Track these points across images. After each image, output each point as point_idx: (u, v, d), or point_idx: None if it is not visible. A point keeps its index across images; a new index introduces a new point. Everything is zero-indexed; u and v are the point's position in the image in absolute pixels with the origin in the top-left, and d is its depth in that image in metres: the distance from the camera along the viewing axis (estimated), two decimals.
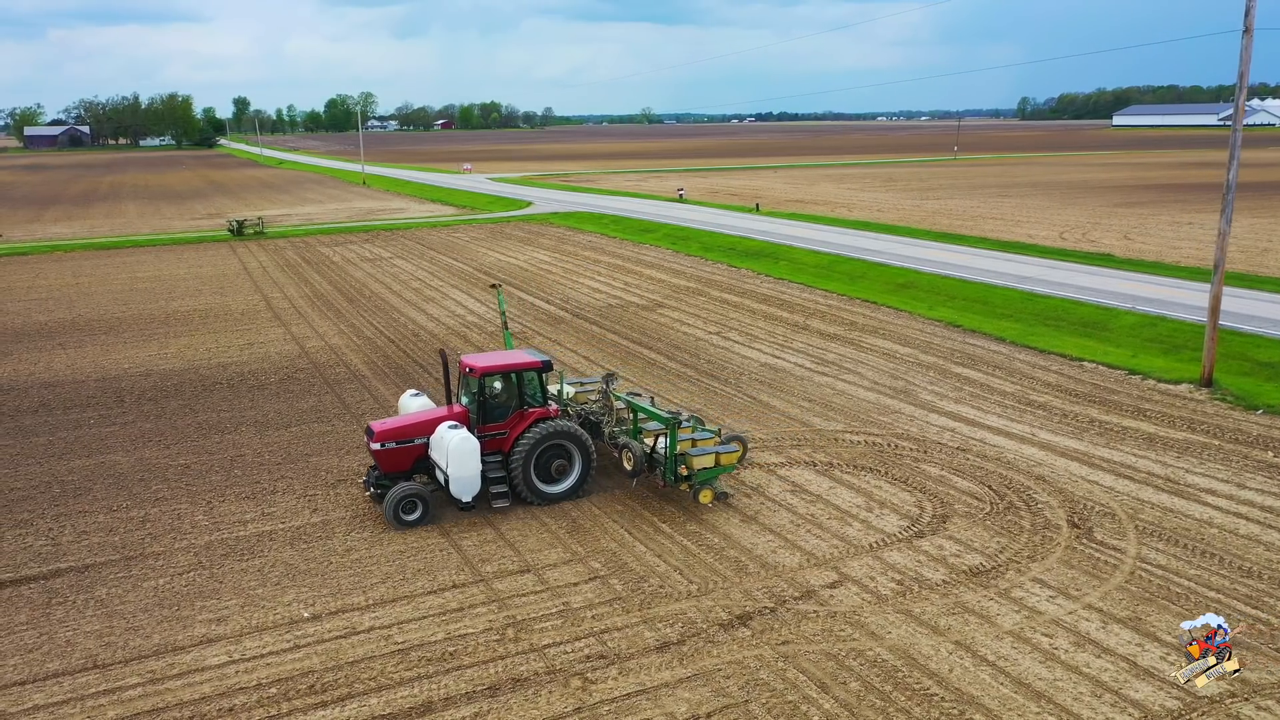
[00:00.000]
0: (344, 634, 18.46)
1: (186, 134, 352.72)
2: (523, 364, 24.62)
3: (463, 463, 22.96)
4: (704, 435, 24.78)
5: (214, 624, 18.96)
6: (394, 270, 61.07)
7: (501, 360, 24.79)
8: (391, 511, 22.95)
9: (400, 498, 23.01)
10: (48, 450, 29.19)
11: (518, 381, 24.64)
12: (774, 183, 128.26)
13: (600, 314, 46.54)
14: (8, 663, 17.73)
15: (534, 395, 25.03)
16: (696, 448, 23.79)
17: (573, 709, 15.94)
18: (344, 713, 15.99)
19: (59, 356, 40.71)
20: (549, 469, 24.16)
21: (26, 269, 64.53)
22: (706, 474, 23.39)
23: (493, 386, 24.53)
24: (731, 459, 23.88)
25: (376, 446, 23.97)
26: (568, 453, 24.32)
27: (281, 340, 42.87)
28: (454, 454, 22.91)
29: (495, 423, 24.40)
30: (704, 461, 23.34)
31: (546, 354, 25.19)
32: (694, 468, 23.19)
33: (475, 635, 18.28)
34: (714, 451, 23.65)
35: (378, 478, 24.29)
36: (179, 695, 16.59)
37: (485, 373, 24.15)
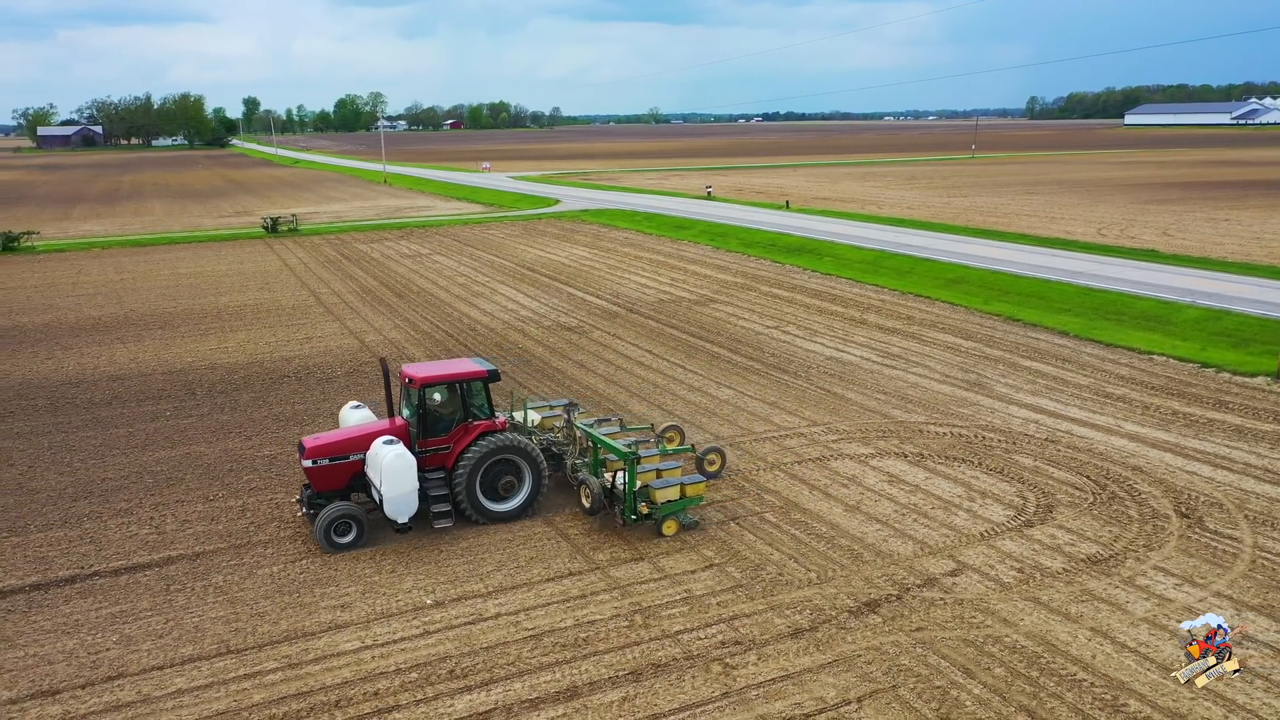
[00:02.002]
0: (472, 620, 18.47)
1: (199, 134, 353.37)
2: (466, 374, 22.98)
3: (396, 480, 21.16)
4: (670, 466, 23.10)
5: (338, 610, 18.99)
6: (436, 266, 61.11)
7: (443, 370, 23.18)
8: (322, 533, 21.25)
9: (332, 519, 21.32)
10: (129, 442, 29.24)
11: (462, 393, 22.95)
12: (796, 181, 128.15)
13: (654, 309, 46.52)
14: (140, 647, 17.76)
15: (480, 407, 23.20)
16: (661, 479, 22.20)
17: (719, 694, 15.93)
18: (490, 697, 16.00)
19: (120, 350, 40.78)
20: (496, 485, 22.62)
21: (68, 265, 64.66)
22: (671, 507, 21.81)
23: (432, 398, 22.86)
24: (699, 490, 22.25)
25: (308, 463, 22.19)
26: (516, 468, 22.75)
27: (339, 334, 42.91)
28: (387, 471, 21.12)
29: (437, 437, 22.76)
30: (668, 494, 21.76)
31: (493, 363, 23.31)
32: (656, 501, 21.65)
33: (604, 622, 18.28)
34: (679, 483, 22.02)
35: (310, 496, 22.55)
36: (320, 680, 16.61)
37: (425, 383, 22.48)
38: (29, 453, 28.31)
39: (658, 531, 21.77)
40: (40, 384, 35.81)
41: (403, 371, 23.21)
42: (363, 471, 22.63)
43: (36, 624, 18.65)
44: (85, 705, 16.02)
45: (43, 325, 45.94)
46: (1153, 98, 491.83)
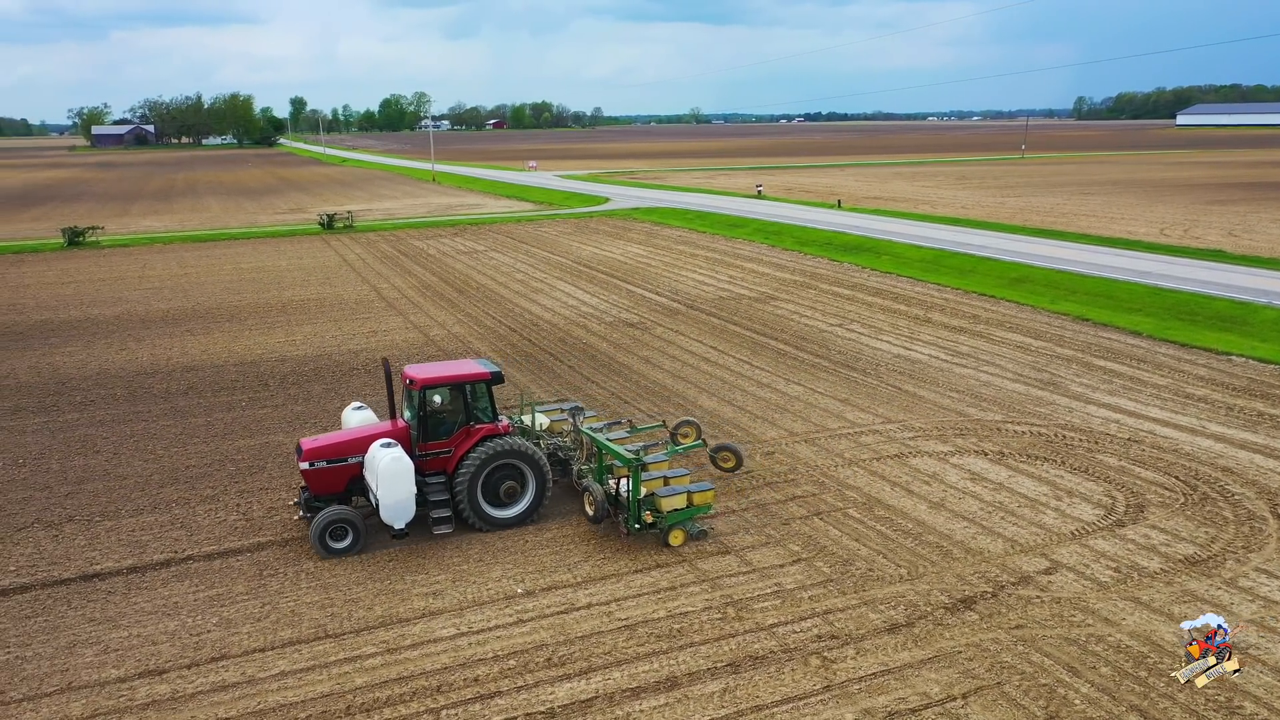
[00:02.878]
0: (564, 610, 18.53)
1: (248, 133, 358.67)
2: (469, 375, 22.32)
3: (393, 485, 20.56)
4: (678, 473, 22.18)
5: (430, 597, 19.14)
6: (493, 263, 61.45)
7: (445, 371, 22.58)
8: (317, 537, 20.74)
9: (327, 523, 20.76)
10: (209, 430, 29.69)
11: (464, 395, 22.31)
12: (844, 180, 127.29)
13: (714, 306, 46.42)
14: (240, 630, 18.02)
15: (483, 410, 22.61)
16: (667, 487, 21.39)
17: (821, 686, 15.83)
18: (589, 685, 16.02)
19: (191, 342, 41.45)
20: (499, 491, 21.97)
21: (133, 260, 65.86)
22: (677, 516, 20.99)
23: (433, 400, 22.25)
24: (707, 498, 21.27)
25: (305, 466, 21.66)
26: (520, 474, 22.08)
27: (403, 328, 43.28)
28: (384, 475, 20.52)
29: (438, 440, 22.18)
30: (674, 503, 20.96)
31: (497, 364, 22.55)
32: (662, 510, 20.87)
33: (696, 613, 18.25)
34: (686, 491, 21.15)
35: (309, 499, 22.03)
36: (419, 665, 16.74)
37: (426, 385, 21.88)
38: (113, 440, 28.85)
39: (663, 542, 20.85)
40: (117, 374, 36.49)
41: (404, 372, 22.51)
42: (361, 475, 22.05)
43: (137, 605, 18.99)
44: (192, 685, 16.28)
45: (114, 317, 46.83)
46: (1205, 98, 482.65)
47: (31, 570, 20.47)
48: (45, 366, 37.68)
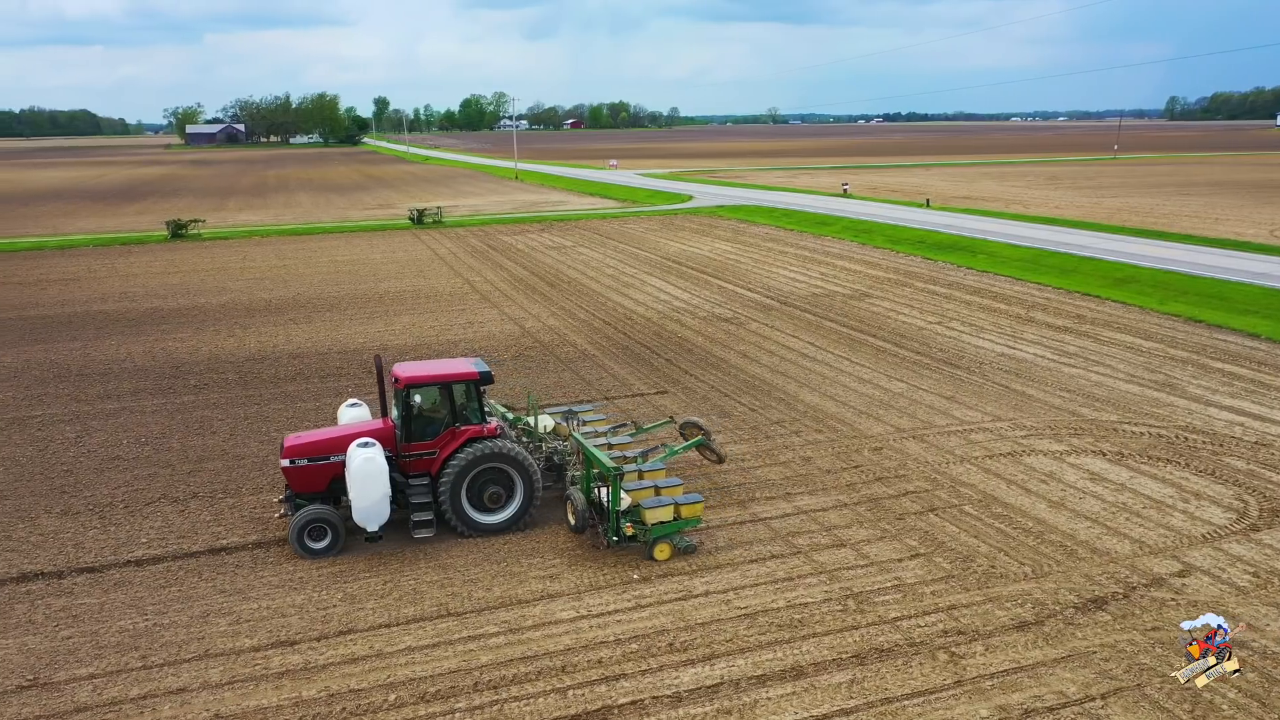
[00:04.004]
0: (681, 596, 18.48)
1: (333, 132, 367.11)
2: (455, 375, 21.67)
3: (365, 487, 19.84)
4: (671, 483, 21.28)
5: (548, 580, 19.26)
6: (582, 258, 61.82)
7: (431, 370, 21.99)
8: (295, 537, 20.20)
9: (305, 522, 20.20)
10: (319, 415, 30.34)
11: (450, 395, 21.63)
12: (930, 180, 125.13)
13: (808, 302, 45.98)
14: (365, 605, 18.36)
15: (470, 411, 21.86)
16: (653, 498, 20.37)
17: (951, 681, 15.51)
18: (714, 671, 15.94)
19: (294, 330, 42.50)
20: (484, 495, 21.25)
21: (233, 252, 67.84)
22: (662, 529, 19.92)
23: (414, 400, 21.53)
24: (695, 510, 20.26)
25: (286, 463, 21.03)
26: (507, 478, 21.27)
27: (498, 320, 43.76)
28: (355, 476, 19.84)
29: (422, 441, 21.50)
30: (659, 515, 19.89)
31: (486, 365, 22.10)
32: (646, 522, 19.85)
33: (816, 605, 18.04)
34: (673, 503, 20.11)
35: (292, 496, 21.44)
36: (542, 645, 16.85)
37: (410, 384, 21.29)
38: (227, 422, 29.68)
39: (649, 555, 19.85)
40: (227, 359, 37.59)
41: (393, 370, 22.05)
42: (344, 474, 21.12)
43: (264, 578, 19.49)
44: (323, 657, 16.63)
45: (219, 306, 48.27)
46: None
47: (162, 543, 21.15)
48: (159, 351, 38.99)
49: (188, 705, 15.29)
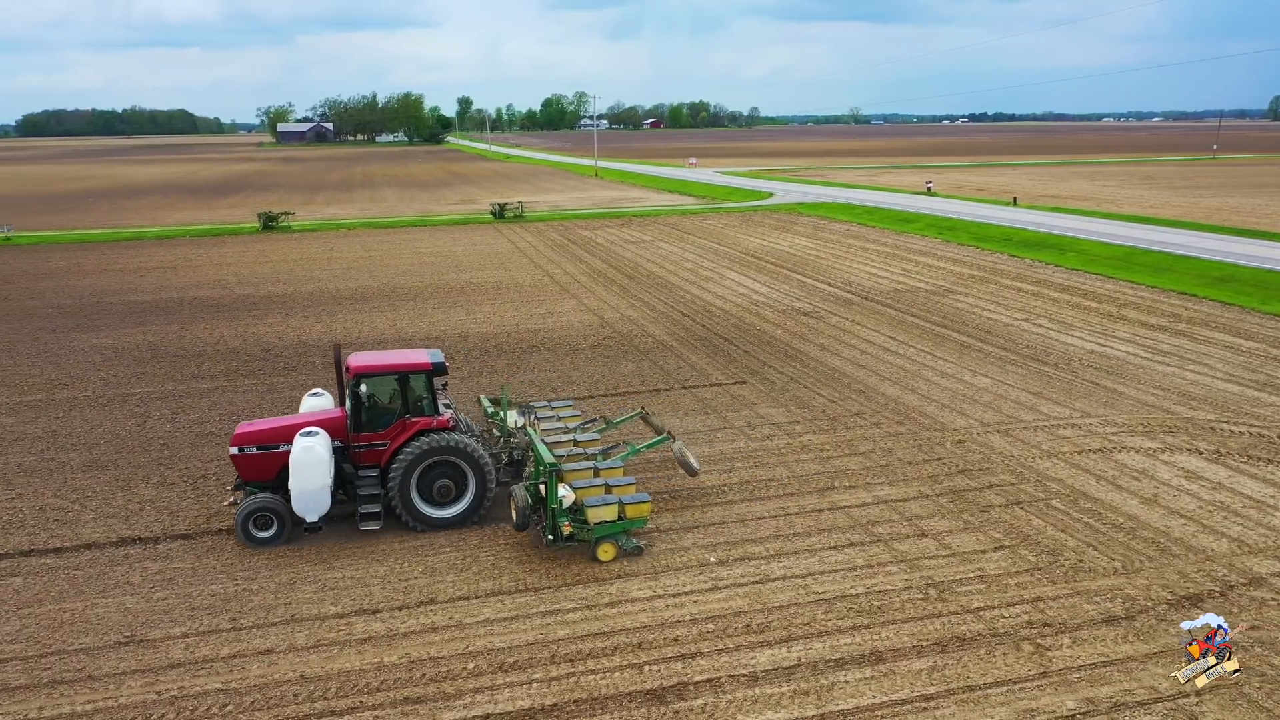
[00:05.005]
0: (759, 580, 18.37)
1: (418, 131, 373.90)
2: (405, 365, 21.37)
3: (304, 476, 19.50)
4: (623, 482, 20.46)
5: (625, 561, 19.30)
6: (660, 252, 61.88)
7: (381, 360, 21.79)
8: (240, 525, 19.94)
9: (251, 511, 19.91)
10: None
11: (401, 386, 21.29)
12: (1017, 179, 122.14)
13: (889, 297, 45.29)
14: (445, 578, 18.66)
15: (423, 402, 21.46)
16: (597, 496, 19.65)
17: (1036, 672, 15.12)
18: (791, 653, 15.81)
19: (379, 318, 43.39)
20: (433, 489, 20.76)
21: (321, 243, 69.58)
22: (606, 529, 19.19)
23: (360, 390, 21.15)
24: (641, 511, 19.50)
25: (234, 450, 20.71)
26: (459, 472, 20.76)
27: (577, 311, 44.06)
28: (294, 465, 19.52)
29: (372, 432, 21.10)
30: (603, 514, 19.19)
31: (441, 356, 21.75)
32: (589, 521, 19.15)
33: (895, 592, 17.76)
34: (617, 502, 19.39)
35: (239, 484, 21.19)
36: (619, 622, 16.91)
37: (359, 373, 21.05)
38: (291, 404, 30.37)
39: (592, 556, 19.19)
40: (314, 344, 38.56)
41: (347, 359, 21.84)
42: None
43: (349, 550, 19.95)
44: (404, 625, 16.95)
45: (307, 294, 49.54)
46: None
47: None
48: (250, 335, 40.20)
49: (274, 666, 15.72)
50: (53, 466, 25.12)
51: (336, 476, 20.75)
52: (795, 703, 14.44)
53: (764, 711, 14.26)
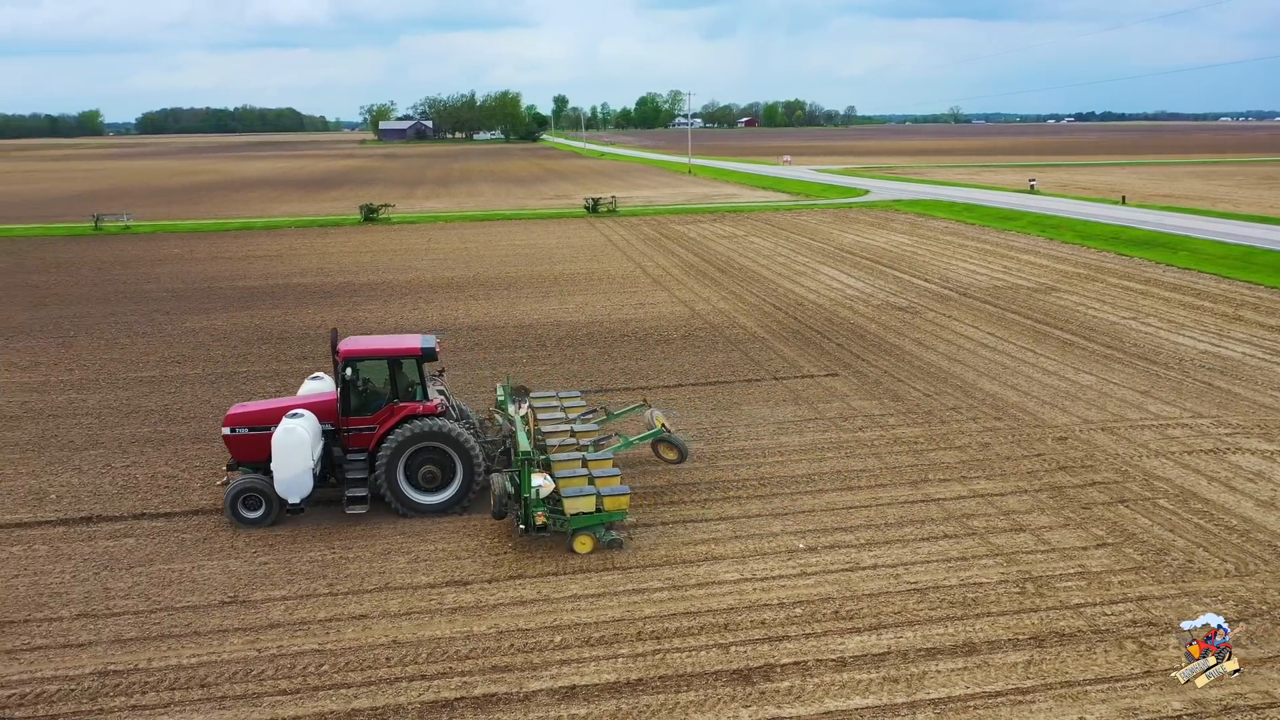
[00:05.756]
0: (848, 568, 18.08)
1: (514, 129, 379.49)
2: (395, 350, 21.45)
3: (285, 458, 19.54)
4: (609, 473, 19.90)
5: (711, 544, 19.25)
6: (753, 246, 61.52)
7: (370, 345, 22.00)
8: (229, 505, 20.11)
9: (239, 490, 20.05)
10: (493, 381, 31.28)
11: (390, 371, 21.29)
12: (1126, 178, 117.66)
13: (988, 294, 44.15)
14: (534, 554, 18.86)
15: (412, 387, 21.35)
16: (575, 487, 19.08)
17: (1140, 671, 14.54)
18: (881, 640, 15.52)
19: (473, 306, 44.16)
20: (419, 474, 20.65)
21: (419, 235, 71.17)
22: (582, 521, 18.71)
23: (346, 373, 20.97)
24: (620, 504, 18.95)
25: (226, 431, 20.97)
26: (447, 459, 20.57)
27: (669, 302, 44.09)
28: (275, 447, 19.59)
29: (361, 416, 21.04)
30: (579, 505, 18.68)
31: (434, 342, 21.64)
32: (566, 512, 18.69)
33: (991, 585, 17.28)
34: (594, 494, 18.87)
35: (235, 465, 21.33)
36: (705, 603, 16.85)
37: (348, 357, 20.97)
38: None
39: (569, 548, 18.74)
40: (411, 329, 39.28)
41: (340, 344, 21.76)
42: None
43: (441, 524, 20.34)
44: (493, 597, 17.19)
45: (405, 282, 50.71)
46: None
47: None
48: (350, 320, 41.28)
49: (368, 630, 16.11)
50: (165, 438, 26.24)
51: (327, 459, 21.07)
52: (884, 689, 14.17)
53: (851, 696, 14.03)
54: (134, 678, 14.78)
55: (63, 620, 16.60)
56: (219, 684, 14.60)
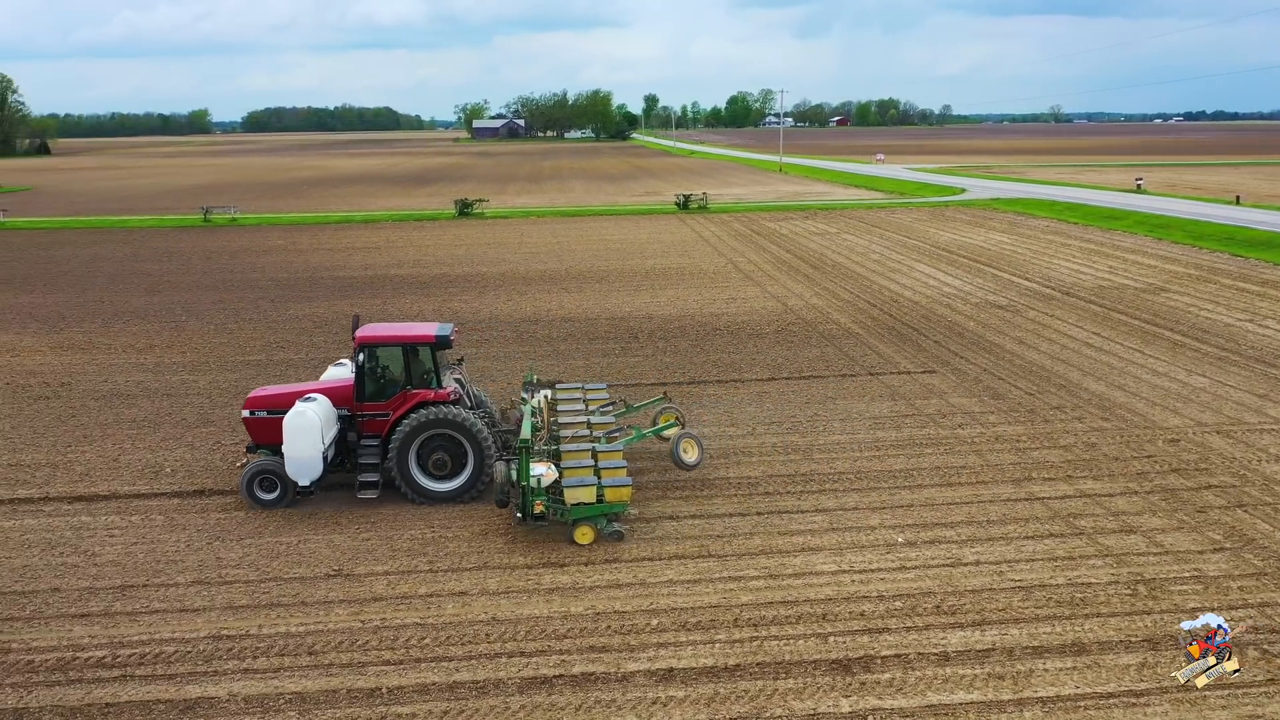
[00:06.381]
0: (949, 564, 17.70)
1: (605, 127, 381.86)
2: (409, 337, 21.59)
3: (295, 441, 19.86)
4: (616, 465, 19.83)
5: (808, 535, 19.06)
6: (846, 244, 60.73)
7: (385, 332, 22.13)
8: (245, 487, 20.52)
9: (255, 472, 20.48)
10: (586, 371, 31.60)
11: (404, 358, 21.44)
12: (1241, 178, 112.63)
13: (1093, 294, 42.74)
14: (629, 539, 18.89)
15: (425, 374, 21.40)
16: (575, 478, 18.97)
17: (1263, 679, 13.91)
18: (985, 636, 15.15)
19: (566, 298, 44.55)
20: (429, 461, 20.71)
21: (512, 230, 72.12)
22: (582, 511, 18.54)
23: (359, 359, 21.18)
24: (621, 495, 18.78)
25: (246, 414, 21.39)
26: (459, 446, 20.62)
27: (761, 298, 43.81)
28: (286, 430, 19.94)
29: (375, 402, 21.21)
30: (579, 495, 18.55)
31: (450, 330, 21.71)
32: (566, 502, 18.52)
33: (1100, 586, 16.72)
34: (595, 484, 18.76)
35: (254, 447, 21.59)
36: (803, 593, 16.68)
37: (363, 343, 21.13)
38: (506, 373, 31.49)
39: (569, 538, 18.62)
40: (504, 319, 40.00)
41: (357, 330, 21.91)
42: None
43: None
44: (589, 579, 17.30)
45: (499, 274, 51.45)
46: None
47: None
48: (446, 310, 42.08)
49: (468, 607, 16.37)
50: None
51: (341, 444, 21.42)
52: (989, 685, 13.82)
53: (955, 691, 13.71)
54: (245, 643, 15.30)
55: (178, 586, 17.28)
56: (325, 652, 15.01)
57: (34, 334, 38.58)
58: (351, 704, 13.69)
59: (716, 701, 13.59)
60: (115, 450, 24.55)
